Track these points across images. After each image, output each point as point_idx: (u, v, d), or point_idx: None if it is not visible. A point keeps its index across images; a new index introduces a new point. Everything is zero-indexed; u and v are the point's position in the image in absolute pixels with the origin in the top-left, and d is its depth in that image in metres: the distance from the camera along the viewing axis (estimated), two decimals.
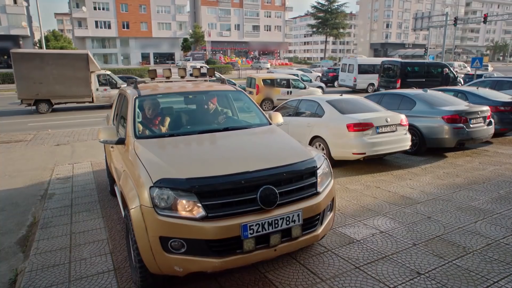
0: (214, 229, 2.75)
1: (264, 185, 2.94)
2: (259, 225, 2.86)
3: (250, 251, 2.86)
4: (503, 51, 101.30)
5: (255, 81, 17.40)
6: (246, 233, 2.82)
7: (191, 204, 2.80)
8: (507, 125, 9.16)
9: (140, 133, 3.89)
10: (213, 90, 4.86)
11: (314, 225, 3.22)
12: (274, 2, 78.31)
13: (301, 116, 8.16)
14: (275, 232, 2.92)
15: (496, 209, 4.97)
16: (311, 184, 3.24)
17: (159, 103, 4.57)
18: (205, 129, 4.09)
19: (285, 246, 3.02)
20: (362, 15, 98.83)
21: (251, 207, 2.89)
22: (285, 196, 3.04)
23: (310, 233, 3.17)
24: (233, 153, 3.50)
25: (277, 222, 2.93)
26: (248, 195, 2.90)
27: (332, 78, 31.02)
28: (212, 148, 3.68)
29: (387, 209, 5.06)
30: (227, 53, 73.81)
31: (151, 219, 2.79)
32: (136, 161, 3.29)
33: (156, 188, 2.83)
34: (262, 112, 4.63)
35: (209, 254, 2.80)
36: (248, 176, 2.94)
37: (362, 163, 7.41)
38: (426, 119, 7.92)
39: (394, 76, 21.07)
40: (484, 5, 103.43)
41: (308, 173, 3.25)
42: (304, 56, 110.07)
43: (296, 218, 3.01)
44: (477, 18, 54.58)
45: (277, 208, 2.97)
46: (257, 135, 4.11)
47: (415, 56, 72.00)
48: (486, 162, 7.43)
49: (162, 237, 2.78)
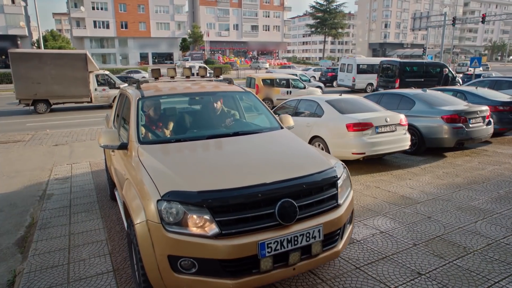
0: (229, 248, 2.48)
1: (282, 198, 2.67)
2: (278, 242, 2.60)
3: (267, 271, 2.60)
4: (501, 51, 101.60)
5: (255, 81, 17.40)
6: (264, 251, 2.55)
7: (203, 220, 2.53)
8: (506, 124, 9.17)
9: (144, 138, 3.59)
10: (221, 91, 4.51)
11: (335, 240, 2.96)
12: (273, 2, 78.31)
13: (300, 116, 8.14)
14: (295, 249, 2.66)
15: (496, 209, 4.96)
16: (331, 196, 2.97)
17: (164, 105, 4.30)
18: (213, 134, 3.77)
19: (305, 264, 2.76)
20: (361, 15, 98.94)
21: (269, 223, 2.62)
22: (304, 210, 2.77)
23: (331, 249, 2.91)
24: (246, 161, 3.16)
25: (296, 239, 2.66)
26: (265, 209, 2.63)
27: (331, 78, 31.05)
28: (223, 156, 3.35)
29: (387, 209, 5.05)
30: (226, 53, 73.79)
31: (158, 236, 2.51)
32: (140, 170, 3.00)
33: (164, 202, 2.54)
34: (273, 114, 4.32)
35: (223, 275, 2.54)
36: (265, 189, 2.66)
37: (362, 163, 7.40)
38: (426, 119, 7.92)
39: (393, 76, 21.10)
40: (482, 5, 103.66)
41: (329, 184, 2.98)
42: (302, 56, 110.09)
43: (317, 233, 2.75)
44: (475, 18, 54.78)
45: (297, 223, 2.70)
46: (270, 141, 3.73)
47: (413, 56, 72.13)
48: (485, 162, 7.43)
49: (171, 256, 2.51)
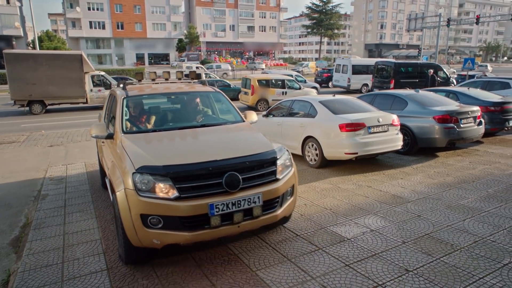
0: (186, 208, 3.26)
1: (229, 171, 3.44)
2: (224, 204, 3.36)
3: (216, 226, 3.37)
4: (496, 51, 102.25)
5: (250, 82, 17.47)
6: (213, 211, 3.32)
7: (167, 187, 3.30)
8: (497, 125, 9.29)
9: (127, 129, 4.37)
10: (194, 91, 5.30)
11: (274, 206, 3.71)
12: (269, 3, 78.42)
13: (294, 116, 8.22)
14: (238, 211, 3.43)
15: (484, 207, 5.05)
16: (271, 172, 3.73)
17: (145, 103, 5.05)
18: (184, 126, 4.59)
19: (247, 224, 3.53)
20: (357, 16, 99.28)
21: (218, 190, 3.39)
22: (247, 181, 3.53)
23: (270, 213, 3.67)
24: (205, 145, 4.06)
25: (239, 203, 3.43)
26: (215, 179, 3.40)
27: (326, 79, 31.12)
28: (188, 141, 4.22)
29: (378, 208, 5.13)
30: (222, 53, 73.80)
31: (133, 200, 3.28)
32: (122, 153, 3.77)
33: (138, 174, 3.33)
34: (238, 111, 5.14)
35: (182, 228, 3.31)
36: (215, 164, 3.45)
37: (355, 163, 7.48)
38: (418, 119, 8.02)
39: (388, 76, 21.23)
40: (477, 6, 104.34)
41: (269, 162, 3.74)
42: (299, 56, 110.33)
43: (257, 200, 3.51)
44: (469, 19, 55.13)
45: (240, 191, 3.46)
46: (229, 130, 4.62)
47: (409, 57, 72.50)
48: (476, 162, 7.54)
49: (143, 214, 3.27)
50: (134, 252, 3.61)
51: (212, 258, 3.88)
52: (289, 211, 4.00)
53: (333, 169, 7.24)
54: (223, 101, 5.32)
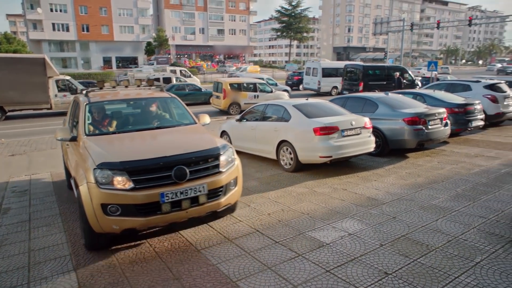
0: (140, 196, 3.78)
1: (177, 165, 3.98)
2: (173, 193, 3.91)
3: (167, 212, 3.91)
4: (455, 55, 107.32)
5: (222, 86, 17.38)
6: (164, 199, 3.86)
7: (124, 179, 3.81)
8: (461, 125, 9.69)
9: (90, 132, 4.84)
10: (152, 97, 5.82)
11: (218, 195, 4.28)
12: (239, 6, 78.49)
13: (268, 120, 8.20)
14: (186, 199, 3.98)
15: (455, 207, 5.22)
16: (215, 165, 4.29)
17: (106, 108, 5.47)
18: (142, 128, 5.10)
19: (194, 210, 4.08)
20: (325, 19, 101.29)
21: (168, 181, 3.93)
22: (194, 173, 4.08)
23: (215, 201, 4.23)
24: (158, 144, 4.66)
25: (187, 192, 3.98)
26: (165, 172, 3.93)
27: (297, 82, 31.47)
28: (143, 141, 4.74)
29: (354, 211, 5.18)
30: (192, 57, 73.05)
31: (95, 192, 3.77)
32: (85, 152, 4.26)
33: (98, 170, 3.82)
34: (191, 114, 5.69)
35: (137, 215, 3.82)
36: (165, 159, 3.99)
37: (329, 166, 7.55)
38: (388, 121, 8.22)
39: (357, 79, 21.69)
40: (437, 11, 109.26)
41: (213, 157, 4.30)
42: (269, 59, 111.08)
43: (202, 189, 4.08)
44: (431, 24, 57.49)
45: (188, 182, 4.01)
46: (181, 131, 5.20)
47: (375, 60, 74.65)
48: (444, 162, 7.81)
49: (103, 204, 3.75)
50: (96, 238, 4.08)
51: (190, 270, 3.76)
52: (233, 200, 4.55)
53: (308, 172, 7.28)
54: (178, 106, 5.82)
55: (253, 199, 5.87)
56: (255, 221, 4.98)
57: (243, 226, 4.81)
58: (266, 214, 5.21)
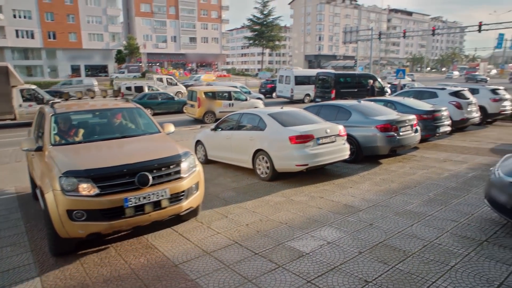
0: (105, 202, 3.99)
1: (140, 171, 4.22)
2: (137, 198, 4.13)
3: (131, 216, 4.12)
4: (420, 62, 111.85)
5: (197, 94, 17.26)
6: (127, 203, 4.07)
7: (89, 186, 4.00)
8: (430, 131, 10.03)
9: (55, 142, 4.98)
10: (117, 108, 6.01)
11: (180, 199, 4.52)
12: (211, 15, 78.55)
13: (243, 129, 8.17)
14: (149, 203, 4.21)
15: (428, 211, 5.36)
16: (176, 171, 4.55)
17: (71, 119, 5.64)
18: (107, 137, 5.27)
19: (157, 213, 4.31)
20: (296, 28, 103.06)
21: (131, 187, 4.16)
22: (156, 179, 4.33)
23: (177, 204, 4.48)
24: (122, 152, 4.89)
25: (149, 197, 4.21)
26: (129, 178, 4.17)
27: (270, 90, 31.72)
28: (108, 150, 4.92)
29: (332, 219, 5.20)
30: (164, 65, 72.23)
31: (60, 198, 3.92)
32: (50, 162, 4.40)
33: (64, 177, 3.99)
34: (155, 123, 5.89)
35: (102, 219, 4.01)
36: (129, 166, 4.22)
37: (305, 174, 7.58)
38: (362, 128, 8.38)
39: (329, 87, 22.10)
40: (402, 21, 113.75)
41: (175, 164, 4.56)
42: (241, 67, 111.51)
43: (164, 194, 4.31)
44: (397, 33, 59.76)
45: (151, 187, 4.25)
46: (145, 140, 5.42)
47: (346, 67, 76.45)
48: (415, 167, 8.03)
49: (69, 210, 3.91)
50: (61, 244, 4.21)
51: (169, 286, 3.64)
52: (195, 203, 4.83)
53: (285, 181, 7.28)
54: (143, 116, 6.02)
55: (231, 210, 5.79)
56: (234, 232, 4.90)
57: (222, 238, 4.73)
58: (244, 225, 5.14)
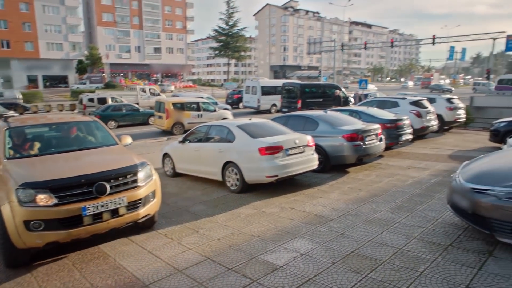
0: (63, 211, 4.15)
1: (98, 181, 4.43)
2: (95, 207, 4.34)
3: (89, 224, 4.32)
4: (381, 73, 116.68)
5: (165, 105, 16.98)
6: (85, 212, 4.27)
7: (47, 197, 4.13)
8: (393, 139, 10.41)
9: (10, 156, 5.06)
10: (73, 121, 6.23)
11: (137, 206, 4.77)
12: (175, 25, 77.97)
13: (212, 141, 8.09)
14: (107, 211, 4.43)
15: (396, 218, 5.50)
16: (134, 180, 4.80)
17: (27, 132, 5.72)
18: (64, 150, 5.41)
19: (115, 220, 4.54)
20: (261, 39, 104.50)
21: (89, 196, 4.37)
22: (114, 188, 4.57)
23: (134, 212, 4.72)
24: (80, 163, 5.03)
25: (107, 205, 4.43)
26: (87, 188, 4.37)
27: (237, 100, 31.79)
28: (66, 161, 5.05)
29: (304, 230, 5.22)
30: (128, 75, 70.63)
31: (17, 210, 4.02)
32: (6, 175, 4.48)
33: (21, 189, 4.10)
34: (113, 136, 6.12)
35: (60, 228, 4.16)
36: (86, 177, 4.42)
37: (275, 185, 7.59)
38: (329, 138, 8.55)
39: (295, 97, 22.48)
40: (363, 33, 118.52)
41: (132, 173, 4.81)
42: (207, 78, 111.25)
43: (122, 202, 4.55)
44: (358, 45, 61.99)
45: (108, 196, 4.47)
46: (103, 152, 5.62)
47: (310, 77, 78.19)
48: (381, 175, 8.27)
49: (26, 221, 4.02)
50: (17, 256, 4.28)
51: None
52: (152, 210, 5.08)
53: (255, 193, 7.25)
54: (100, 128, 6.22)
55: (202, 224, 5.67)
56: (205, 247, 4.79)
57: (193, 254, 4.60)
58: (216, 240, 5.05)
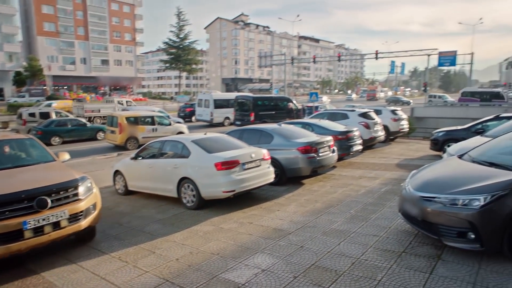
0: (2, 226, 4.25)
1: (39, 196, 4.59)
2: (36, 220, 4.49)
3: (30, 238, 4.44)
4: (329, 85, 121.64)
5: (118, 120, 16.29)
6: (26, 226, 4.40)
7: None
8: (345, 150, 10.80)
9: None
10: (5, 139, 6.24)
11: (79, 219, 4.97)
12: (124, 37, 75.77)
13: (166, 157, 7.87)
14: (48, 224, 4.58)
15: (352, 228, 5.66)
16: (75, 194, 5.01)
17: None
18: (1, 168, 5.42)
19: (56, 233, 4.69)
20: (212, 52, 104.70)
21: (31, 210, 4.52)
22: (56, 202, 4.76)
23: (76, 224, 4.92)
24: (18, 180, 5.08)
25: (49, 218, 4.60)
26: (28, 203, 4.52)
27: (189, 113, 31.37)
28: (4, 178, 5.09)
29: (263, 245, 5.19)
30: (73, 88, 67.13)
31: None
32: None
33: None
34: (50, 152, 6.28)
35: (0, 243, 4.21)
36: (26, 192, 4.57)
37: (232, 200, 7.49)
38: (284, 151, 8.67)
39: (248, 110, 22.67)
40: (311, 47, 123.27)
41: (72, 187, 5.03)
42: (158, 91, 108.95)
43: (63, 214, 4.74)
44: (307, 58, 64.26)
45: (50, 210, 4.64)
46: (41, 168, 5.74)
47: (262, 90, 79.43)
48: (335, 185, 8.51)
49: None
50: None
51: None
52: (94, 222, 5.29)
53: (212, 208, 7.12)
54: (36, 145, 6.33)
55: (158, 244, 5.44)
56: (163, 269, 4.59)
57: (151, 277, 4.38)
58: (174, 260, 4.85)
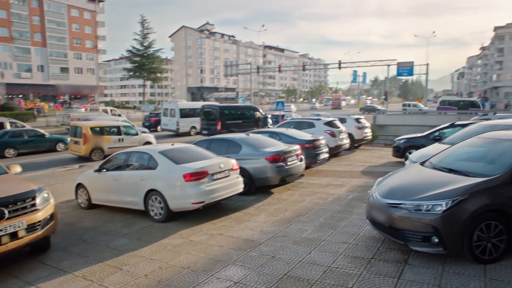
0: None
1: None
2: None
3: None
4: (294, 94, 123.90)
5: (81, 130, 15.62)
6: None
7: None
8: (312, 158, 10.98)
9: None
10: None
11: (36, 228, 5.11)
12: (85, 44, 73.25)
13: (132, 169, 7.64)
14: (5, 234, 4.69)
15: (322, 236, 5.72)
16: (32, 204, 5.16)
17: None
18: None
19: (14, 243, 4.82)
20: (178, 60, 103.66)
21: None
22: (12, 212, 4.86)
23: (34, 233, 5.06)
24: None
25: (6, 229, 4.71)
26: None
27: (154, 123, 30.73)
28: None
29: (235, 257, 5.12)
30: (30, 97, 63.84)
31: None
32: None
33: None
34: (1, 165, 6.32)
35: None
36: None
37: (201, 211, 7.37)
38: (252, 160, 8.67)
39: (215, 119, 22.49)
40: (276, 57, 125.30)
41: (30, 198, 5.17)
42: (121, 99, 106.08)
43: (21, 225, 4.88)
44: (273, 68, 65.13)
45: (7, 220, 4.75)
46: None
47: (228, 99, 79.43)
48: (304, 194, 8.61)
49: None
50: None
51: None
52: (51, 232, 5.51)
53: (181, 221, 6.96)
54: None
55: (125, 260, 5.23)
56: (132, 286, 4.41)
57: None
58: (142, 276, 4.68)
